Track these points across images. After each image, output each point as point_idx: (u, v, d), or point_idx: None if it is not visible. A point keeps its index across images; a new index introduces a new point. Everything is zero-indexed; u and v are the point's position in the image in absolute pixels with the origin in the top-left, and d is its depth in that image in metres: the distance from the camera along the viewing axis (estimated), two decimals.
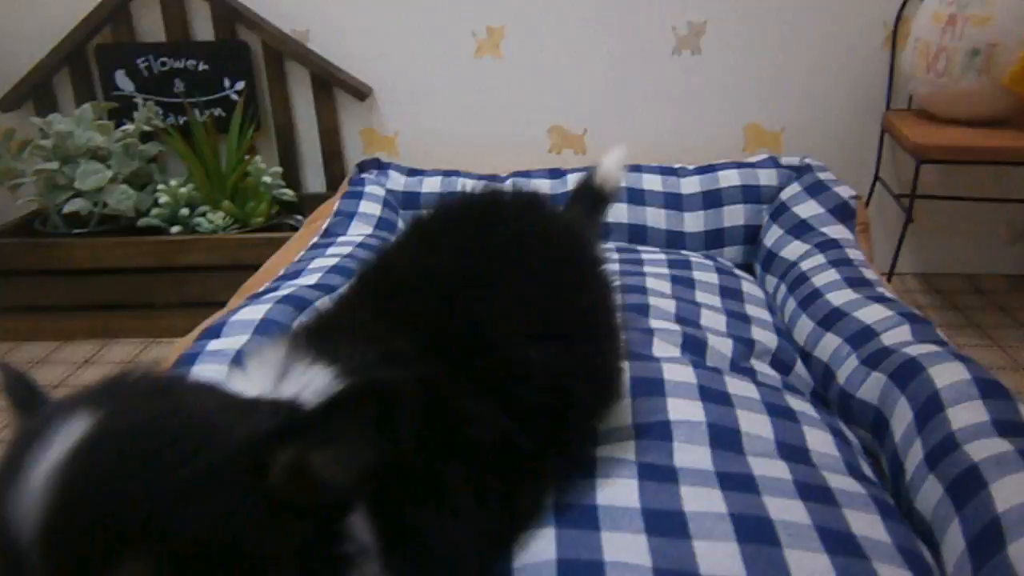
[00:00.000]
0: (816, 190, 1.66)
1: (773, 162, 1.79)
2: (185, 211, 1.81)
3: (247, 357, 0.67)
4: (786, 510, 0.82)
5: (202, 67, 1.97)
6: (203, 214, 1.82)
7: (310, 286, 1.30)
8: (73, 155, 1.74)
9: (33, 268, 1.78)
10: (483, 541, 0.69)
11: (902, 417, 1.02)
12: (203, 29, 2.01)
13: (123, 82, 1.98)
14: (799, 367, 1.29)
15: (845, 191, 1.62)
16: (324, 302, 1.25)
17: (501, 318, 0.77)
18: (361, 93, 2.01)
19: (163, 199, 1.79)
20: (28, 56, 1.97)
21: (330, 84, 2.02)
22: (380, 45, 2.03)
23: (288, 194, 1.96)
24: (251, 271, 1.70)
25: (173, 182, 1.83)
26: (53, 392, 1.45)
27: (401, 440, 0.46)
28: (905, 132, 1.67)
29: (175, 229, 1.79)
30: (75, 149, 1.73)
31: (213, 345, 1.09)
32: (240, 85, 1.99)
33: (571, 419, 0.81)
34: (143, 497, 0.41)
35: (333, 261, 1.42)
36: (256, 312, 1.18)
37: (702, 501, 0.83)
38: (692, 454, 0.92)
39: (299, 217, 1.91)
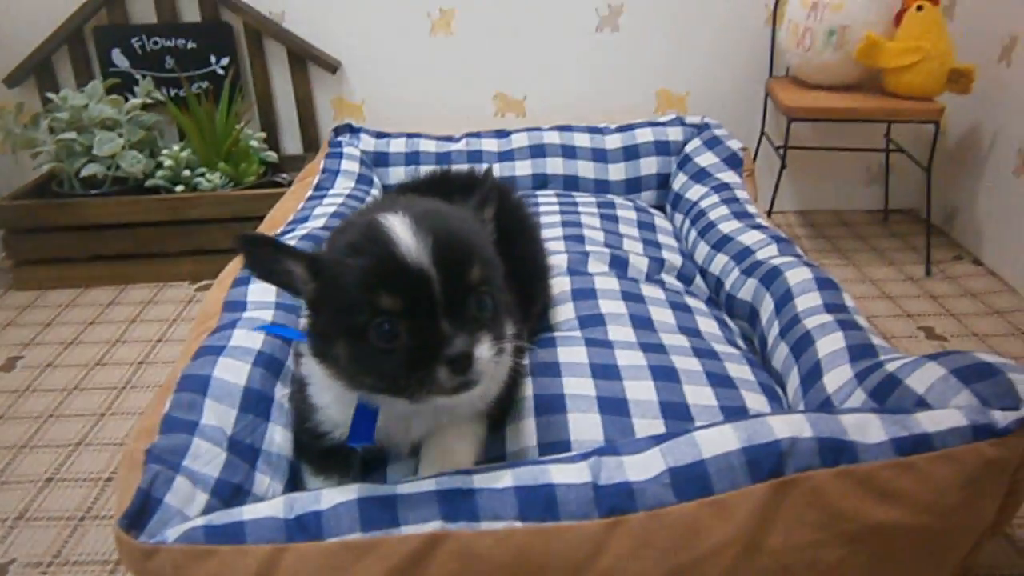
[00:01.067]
0: (712, 143, 2.06)
1: (680, 121, 2.17)
2: (187, 172, 2.10)
3: None
4: (686, 363, 1.22)
5: (190, 45, 2.24)
6: (202, 174, 2.11)
7: (320, 228, 1.63)
8: (87, 125, 2.01)
9: (56, 225, 2.04)
10: None
11: (767, 307, 1.43)
12: (190, 11, 2.26)
13: (119, 59, 2.23)
14: (698, 280, 1.70)
15: (735, 144, 2.03)
16: None
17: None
18: (331, 66, 2.31)
19: (167, 162, 2.08)
20: (29, 36, 2.20)
21: (304, 59, 2.31)
22: (347, 24, 2.31)
23: (271, 156, 2.26)
24: (249, 222, 2.02)
25: (175, 147, 2.12)
26: (85, 332, 1.74)
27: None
28: (780, 96, 2.09)
29: (179, 188, 2.08)
30: (89, 120, 2.00)
31: None
32: (225, 61, 2.26)
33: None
34: (469, 238, 0.82)
35: (332, 208, 1.75)
36: None
37: (629, 358, 1.22)
38: (620, 332, 1.32)
39: (284, 175, 2.22)
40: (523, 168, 2.12)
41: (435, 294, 0.76)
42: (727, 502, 0.84)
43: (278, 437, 1.09)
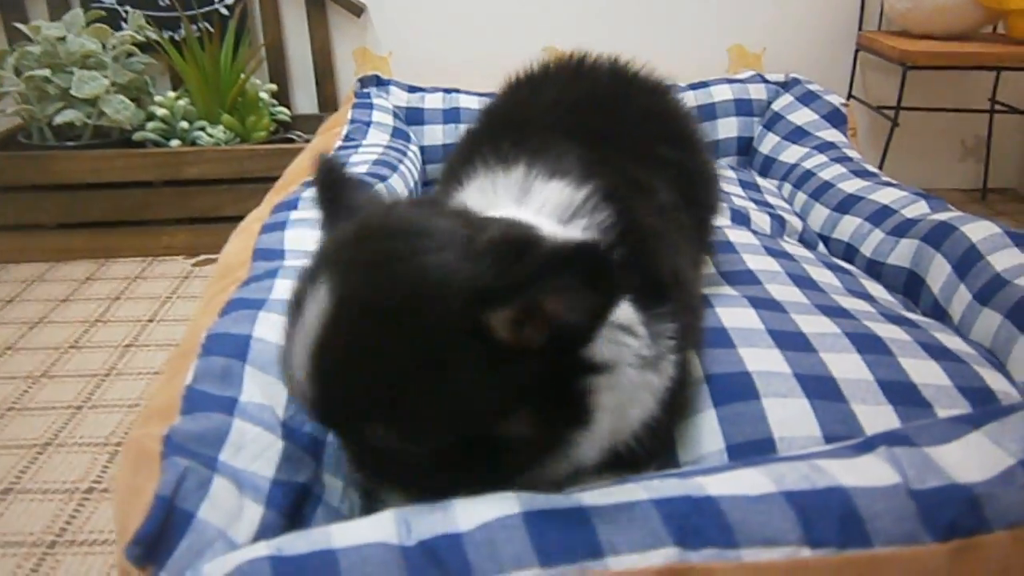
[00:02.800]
0: (808, 99, 1.76)
1: (760, 78, 1.88)
2: (184, 125, 1.75)
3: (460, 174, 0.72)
4: (887, 331, 0.91)
5: None
6: (202, 128, 1.76)
7: (365, 173, 1.30)
8: (64, 63, 1.65)
9: (24, 183, 1.68)
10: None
11: (939, 270, 1.12)
12: None
13: None
14: (821, 248, 1.39)
15: (835, 99, 1.74)
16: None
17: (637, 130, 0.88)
18: (356, 8, 1.98)
19: (160, 112, 1.73)
20: None
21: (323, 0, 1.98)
22: None
23: (284, 112, 1.92)
24: (259, 183, 1.67)
25: (171, 94, 1.77)
26: (57, 310, 1.38)
27: (616, 292, 0.49)
28: (890, 44, 1.80)
29: (174, 143, 1.73)
30: (67, 56, 1.64)
31: (294, 215, 1.09)
32: None
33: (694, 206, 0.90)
34: (374, 374, 0.49)
35: (373, 156, 1.42)
36: None
37: (815, 324, 0.91)
38: (785, 292, 1.00)
39: (299, 134, 1.88)
40: None
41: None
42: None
43: None
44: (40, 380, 1.27)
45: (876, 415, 0.77)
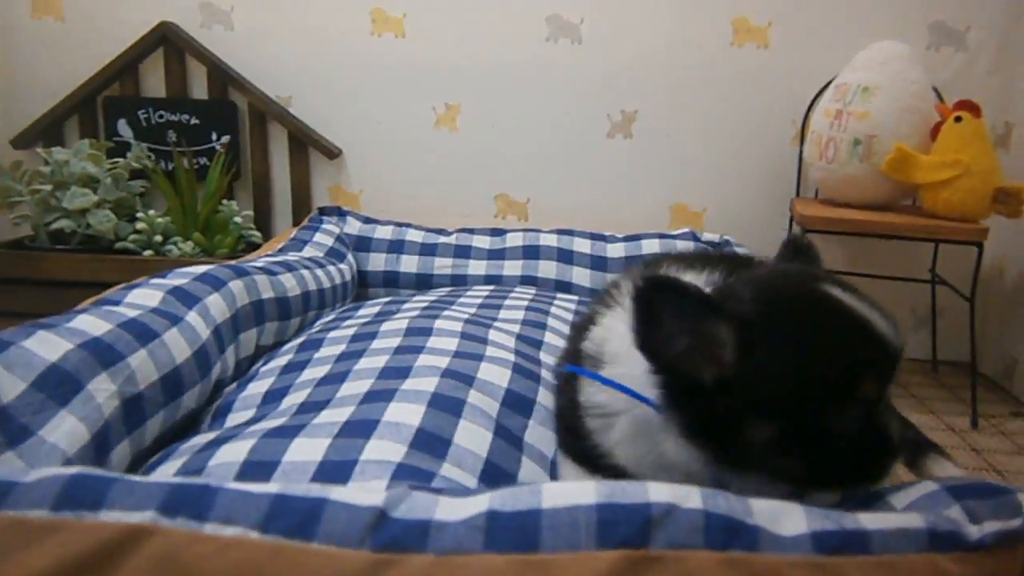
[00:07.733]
0: None
1: (693, 236, 1.97)
2: (159, 238, 2.00)
3: None
4: None
5: (193, 121, 2.23)
6: (174, 243, 2.01)
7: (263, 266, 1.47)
8: (67, 181, 1.96)
9: (18, 278, 1.95)
10: None
11: None
12: (199, 88, 2.27)
13: (123, 130, 2.23)
14: None
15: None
16: None
17: None
18: (332, 152, 2.25)
19: (140, 225, 1.99)
20: (43, 103, 2.23)
21: (305, 143, 2.26)
22: (352, 113, 2.28)
23: (257, 236, 2.15)
24: None
25: (152, 212, 2.04)
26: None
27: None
28: (798, 209, 1.88)
29: (147, 253, 1.98)
30: (69, 176, 1.95)
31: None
32: (226, 139, 2.24)
33: None
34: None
35: (279, 258, 1.60)
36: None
37: None
38: None
39: None
40: (512, 268, 1.94)
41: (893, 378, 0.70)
42: (552, 565, 0.58)
43: (67, 426, 0.87)
44: None
45: None
